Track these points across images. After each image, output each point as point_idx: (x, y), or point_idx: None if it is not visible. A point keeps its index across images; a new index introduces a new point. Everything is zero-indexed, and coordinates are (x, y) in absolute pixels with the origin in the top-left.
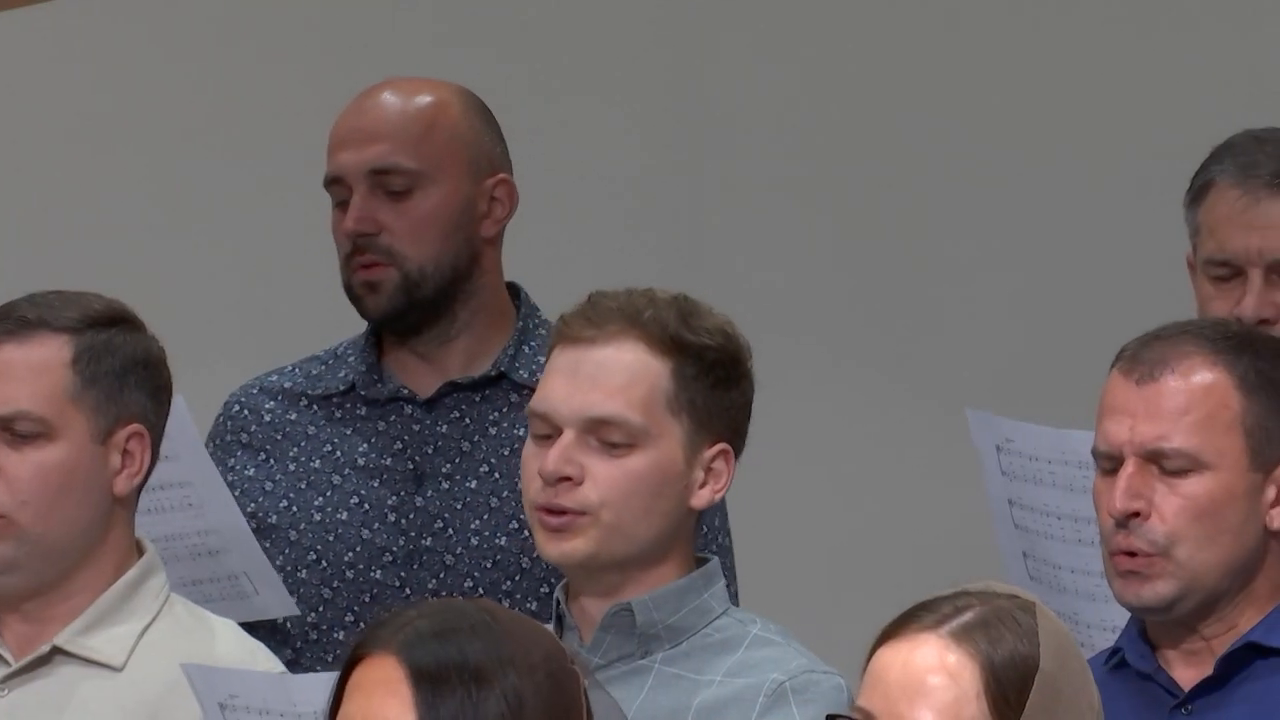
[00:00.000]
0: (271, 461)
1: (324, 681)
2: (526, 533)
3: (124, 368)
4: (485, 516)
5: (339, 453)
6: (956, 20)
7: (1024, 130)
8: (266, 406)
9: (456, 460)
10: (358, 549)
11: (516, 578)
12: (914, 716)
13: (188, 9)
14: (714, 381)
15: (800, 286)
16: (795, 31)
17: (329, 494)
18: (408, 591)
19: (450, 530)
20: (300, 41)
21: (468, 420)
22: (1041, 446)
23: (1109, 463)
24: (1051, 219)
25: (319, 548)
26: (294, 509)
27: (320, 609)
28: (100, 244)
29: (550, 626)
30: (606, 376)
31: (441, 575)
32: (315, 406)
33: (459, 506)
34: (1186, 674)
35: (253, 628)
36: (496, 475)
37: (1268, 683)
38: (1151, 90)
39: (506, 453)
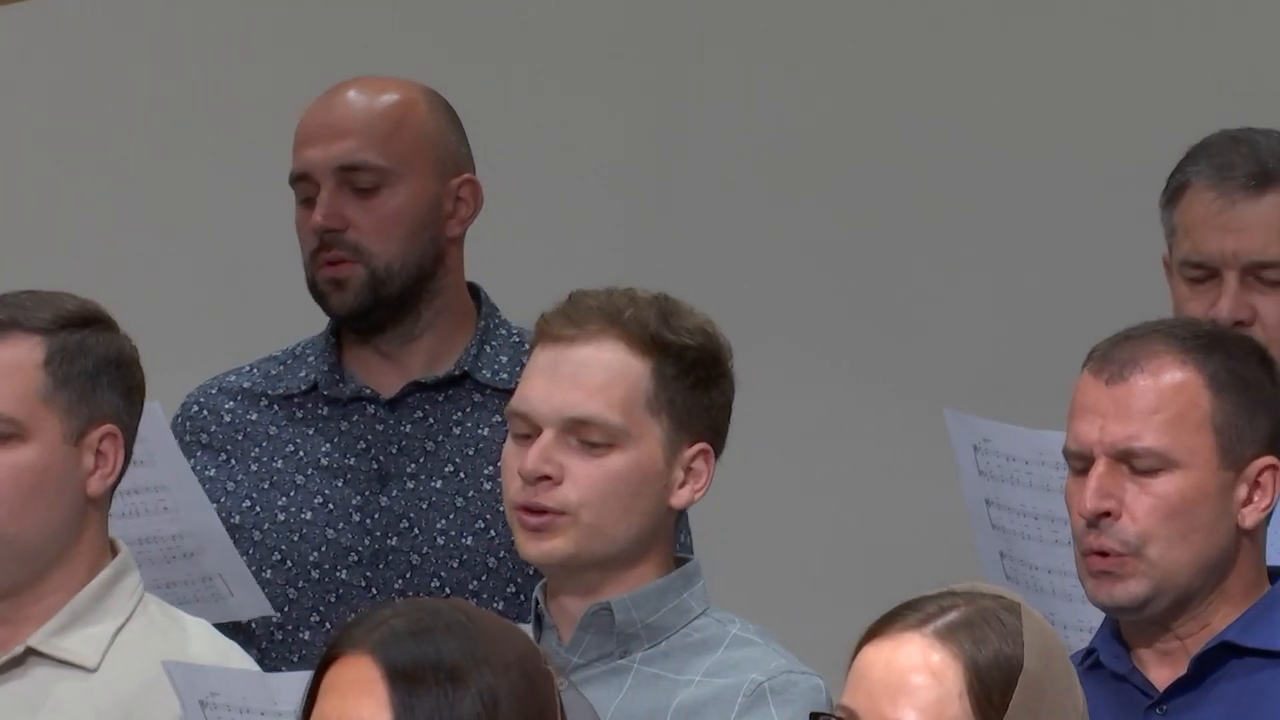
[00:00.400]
0: (233, 462)
1: (305, 680)
2: (493, 532)
3: (97, 368)
4: (451, 516)
5: (301, 453)
6: (940, 21)
7: (1006, 131)
8: (226, 407)
9: (421, 460)
10: (323, 549)
11: (483, 577)
12: (897, 716)
13: (159, 8)
14: (694, 381)
15: (780, 286)
16: (775, 30)
17: (292, 494)
18: (374, 591)
19: (416, 530)
20: (266, 40)
21: (431, 420)
22: (1018, 447)
23: (1080, 463)
24: (1032, 220)
25: (284, 548)
26: (257, 509)
27: (285, 609)
28: (72, 244)
29: (529, 625)
30: (586, 376)
31: (408, 575)
32: (276, 406)
33: (424, 506)
34: (1161, 674)
35: (218, 625)
36: (461, 475)
37: (1242, 682)
38: (1129, 91)
39: (471, 452)
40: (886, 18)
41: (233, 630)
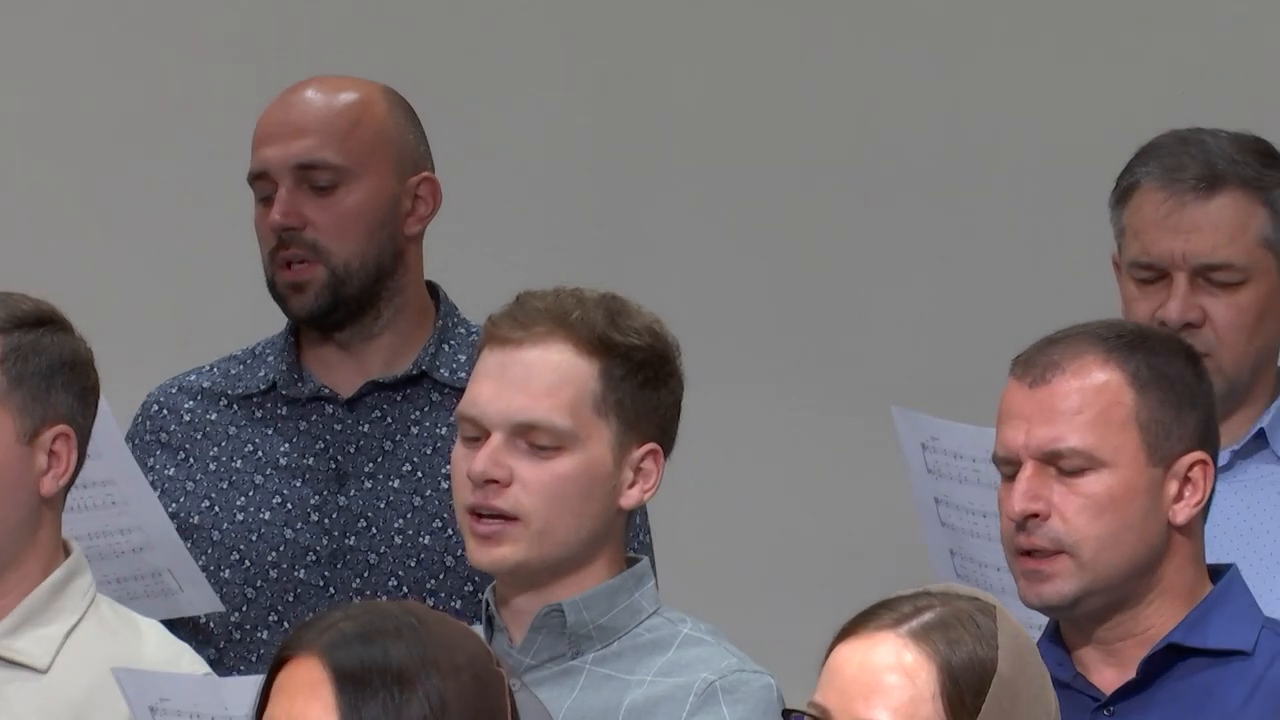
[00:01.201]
0: (192, 461)
1: (255, 684)
2: (450, 531)
3: (51, 368)
4: (409, 515)
5: (260, 453)
6: (883, 24)
7: (953, 131)
8: (186, 406)
9: (379, 459)
10: (281, 548)
11: (440, 576)
12: (869, 715)
13: (118, 6)
14: (642, 381)
15: (731, 287)
16: (719, 34)
17: (251, 494)
18: (332, 591)
19: (374, 529)
20: (222, 38)
21: (389, 419)
22: (965, 444)
23: (1008, 468)
24: (979, 219)
25: (242, 547)
26: (216, 509)
27: (244, 608)
28: (27, 244)
29: (480, 627)
30: (534, 379)
31: (365, 574)
32: (235, 406)
33: (382, 506)
34: (1104, 676)
35: (174, 626)
36: (419, 474)
37: (1189, 682)
38: (1075, 90)
39: (429, 451)
40: (831, 23)
41: (191, 630)
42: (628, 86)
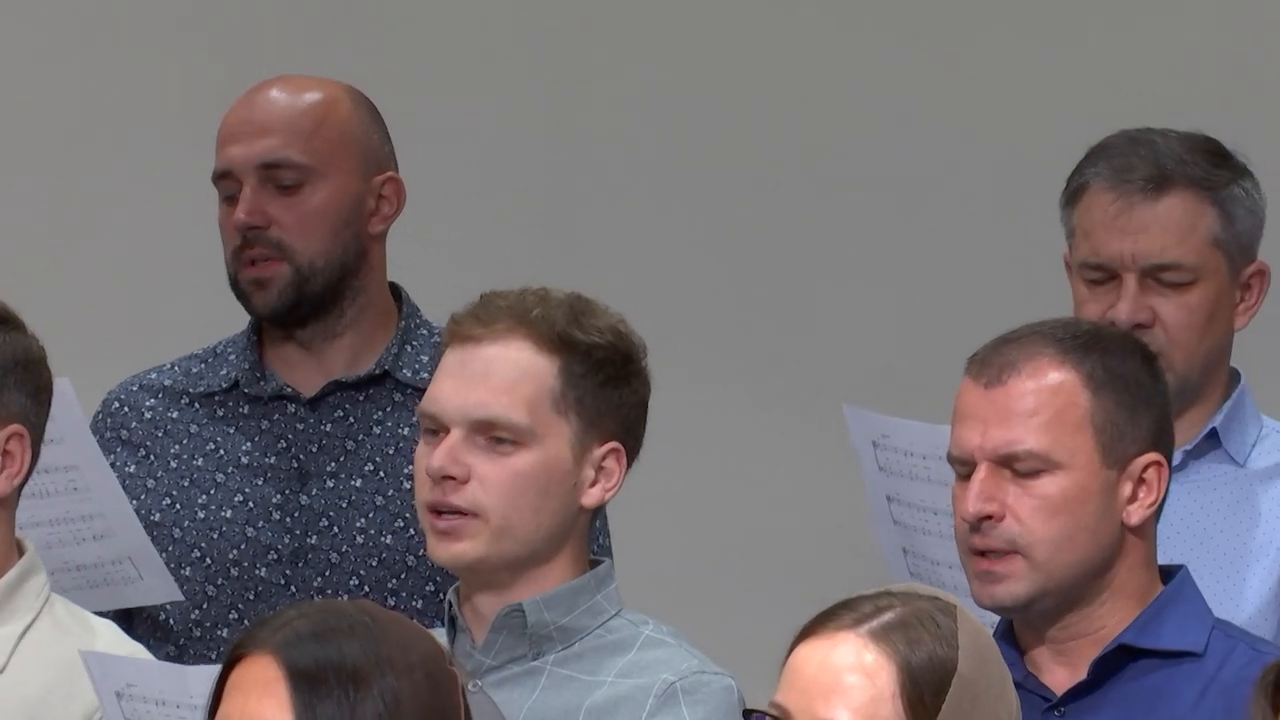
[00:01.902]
0: (153, 459)
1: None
2: (412, 531)
3: (3, 368)
4: (370, 515)
5: (222, 451)
6: (834, 19)
7: (909, 129)
8: (147, 404)
9: (341, 459)
10: (242, 547)
11: (402, 576)
12: (829, 715)
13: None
14: (603, 380)
15: (689, 287)
16: (679, 34)
17: (212, 492)
18: (293, 590)
19: (335, 529)
20: (179, 36)
21: (352, 419)
22: (916, 441)
23: (963, 468)
24: (931, 217)
25: (203, 545)
26: (177, 507)
27: (204, 606)
28: None
29: (443, 628)
30: (493, 375)
31: (327, 573)
32: (197, 405)
33: (344, 505)
34: (1056, 677)
35: (135, 623)
36: (381, 474)
37: (1140, 683)
38: (1028, 87)
39: (391, 451)
40: (790, 23)
41: (151, 627)
42: (589, 87)
